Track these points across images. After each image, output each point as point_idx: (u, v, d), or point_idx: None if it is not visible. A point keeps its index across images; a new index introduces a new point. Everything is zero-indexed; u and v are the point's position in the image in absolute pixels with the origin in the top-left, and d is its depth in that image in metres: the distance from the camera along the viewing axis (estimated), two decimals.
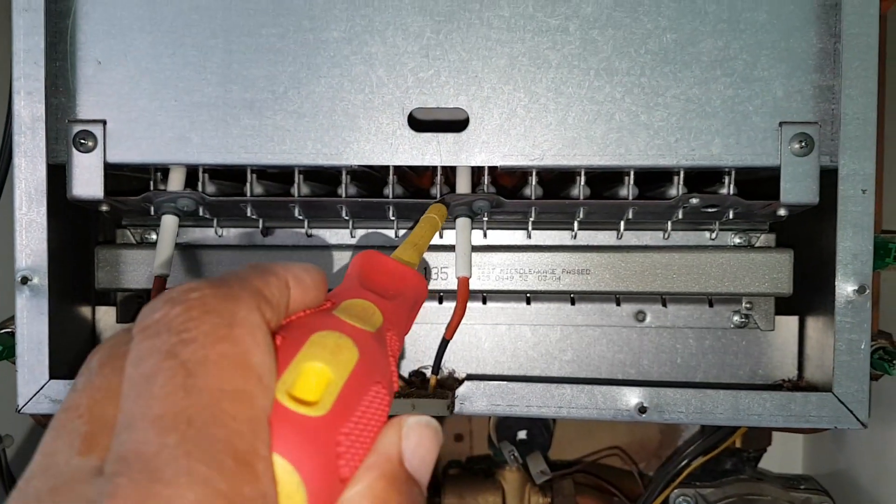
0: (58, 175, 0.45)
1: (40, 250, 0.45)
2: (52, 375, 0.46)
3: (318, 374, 0.21)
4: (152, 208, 0.47)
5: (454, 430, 0.82)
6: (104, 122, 0.45)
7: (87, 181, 0.44)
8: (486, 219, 0.50)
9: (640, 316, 0.52)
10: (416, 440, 0.21)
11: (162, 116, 0.45)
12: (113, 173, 0.46)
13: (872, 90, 0.43)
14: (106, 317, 0.54)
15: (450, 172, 0.47)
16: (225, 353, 0.18)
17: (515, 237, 0.53)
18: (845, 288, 0.44)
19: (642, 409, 0.45)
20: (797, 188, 0.43)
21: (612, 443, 0.78)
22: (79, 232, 0.50)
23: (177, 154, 0.45)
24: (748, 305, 0.50)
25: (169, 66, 0.44)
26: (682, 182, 0.45)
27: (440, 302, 0.52)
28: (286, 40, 0.44)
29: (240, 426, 0.18)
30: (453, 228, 0.48)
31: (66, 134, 0.45)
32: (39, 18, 0.44)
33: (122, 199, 0.46)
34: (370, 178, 0.49)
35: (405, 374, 0.51)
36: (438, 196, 0.47)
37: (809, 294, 0.48)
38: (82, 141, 0.44)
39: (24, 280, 0.45)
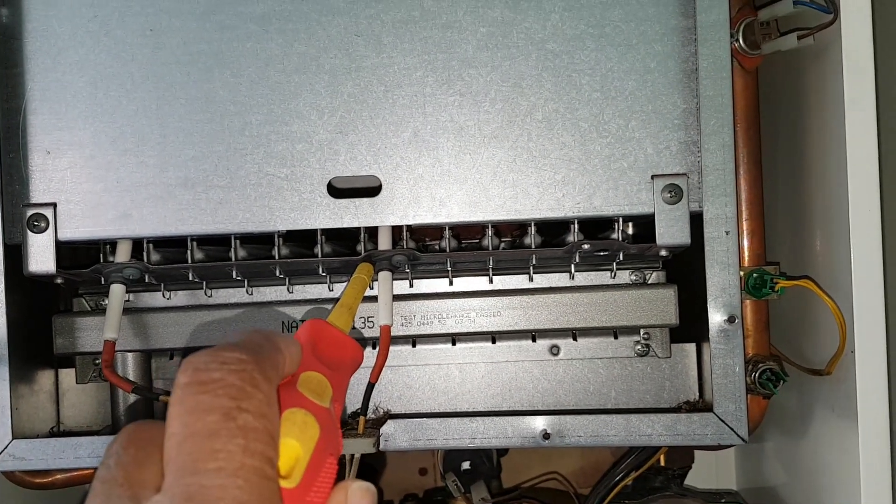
0: (14, 254, 0.50)
1: None
2: (15, 435, 0.51)
3: (290, 449, 0.26)
4: (102, 279, 0.52)
5: (419, 464, 0.86)
6: (55, 205, 0.50)
7: (41, 258, 0.50)
8: (408, 270, 0.55)
9: (554, 350, 0.57)
10: (357, 502, 0.27)
11: (106, 197, 0.50)
12: (68, 247, 0.51)
13: (729, 143, 0.49)
14: (68, 378, 0.58)
15: (374, 230, 0.53)
16: (266, 428, 0.24)
17: (440, 285, 0.58)
18: (717, 318, 0.49)
19: (546, 436, 0.50)
20: (670, 232, 0.49)
21: (568, 466, 0.82)
22: (40, 302, 0.55)
23: (121, 229, 0.50)
24: (646, 336, 0.56)
25: (110, 152, 0.50)
26: (577, 230, 0.51)
27: (373, 347, 0.57)
28: (214, 124, 0.50)
29: (272, 485, 0.24)
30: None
31: (20, 217, 0.50)
32: None
33: (74, 272, 0.51)
34: (305, 237, 0.54)
35: (344, 416, 0.56)
36: (363, 251, 0.52)
37: (700, 323, 0.53)
38: (35, 223, 0.50)
39: None
